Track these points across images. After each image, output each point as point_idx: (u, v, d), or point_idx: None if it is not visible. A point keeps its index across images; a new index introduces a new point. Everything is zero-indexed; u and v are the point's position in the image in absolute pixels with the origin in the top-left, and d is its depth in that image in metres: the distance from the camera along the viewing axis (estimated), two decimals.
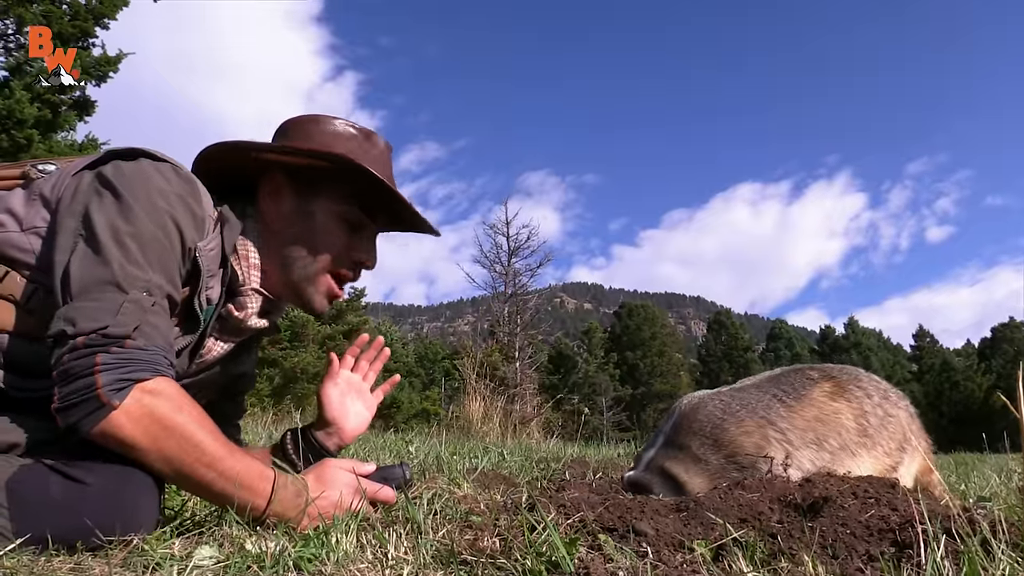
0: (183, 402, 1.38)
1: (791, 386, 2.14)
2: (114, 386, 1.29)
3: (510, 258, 23.94)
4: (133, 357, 1.33)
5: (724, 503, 1.53)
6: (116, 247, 1.38)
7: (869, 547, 1.26)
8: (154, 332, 1.38)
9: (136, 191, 1.45)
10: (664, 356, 67.39)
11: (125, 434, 1.31)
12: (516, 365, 19.45)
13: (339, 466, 1.60)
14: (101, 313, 1.32)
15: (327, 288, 1.76)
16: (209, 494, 1.42)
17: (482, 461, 3.12)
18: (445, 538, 1.36)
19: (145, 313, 1.36)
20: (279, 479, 1.45)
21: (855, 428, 2.09)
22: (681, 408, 2.17)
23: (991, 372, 58.85)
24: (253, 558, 1.19)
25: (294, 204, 1.72)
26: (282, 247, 1.72)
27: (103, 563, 1.21)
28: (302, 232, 1.71)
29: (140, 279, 1.38)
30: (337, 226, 1.73)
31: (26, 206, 1.50)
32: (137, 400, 1.31)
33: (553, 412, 13.86)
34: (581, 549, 1.25)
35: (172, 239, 1.47)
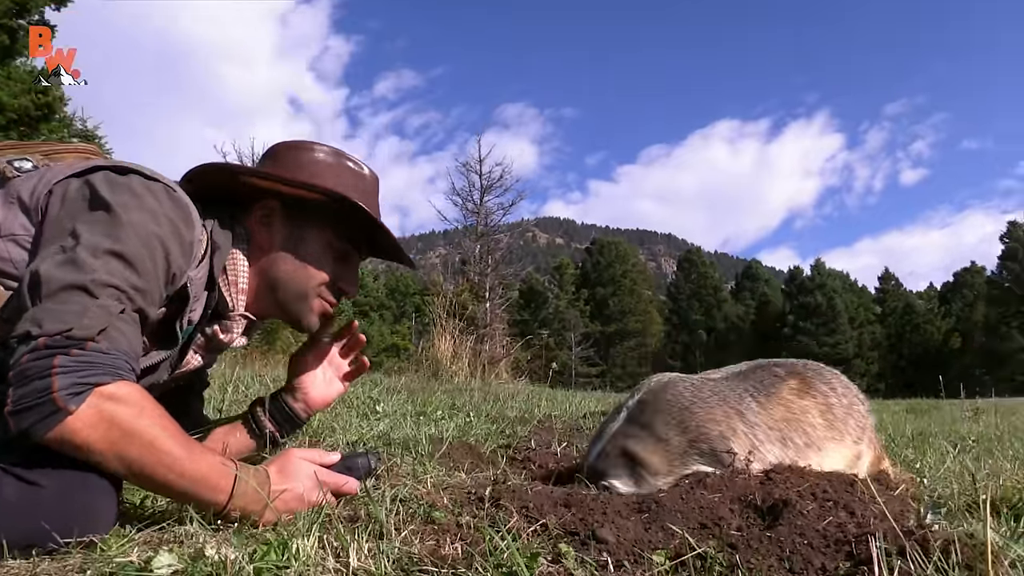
0: (144, 405, 1.35)
1: (760, 383, 2.16)
2: (71, 390, 1.25)
3: (482, 196, 23.76)
4: (92, 360, 1.29)
5: (685, 504, 1.55)
6: (92, 256, 1.35)
7: (825, 560, 1.29)
8: (120, 337, 1.35)
9: (127, 209, 1.43)
10: (634, 294, 68.16)
11: (80, 439, 1.27)
12: (487, 305, 19.48)
13: (302, 457, 1.60)
14: (68, 315, 1.29)
15: (320, 308, 1.83)
16: (170, 494, 1.42)
17: (449, 426, 3.14)
18: (407, 542, 1.36)
19: (112, 318, 1.33)
20: (240, 476, 1.44)
21: (822, 424, 2.13)
22: (649, 386, 2.17)
23: (951, 316, 60.34)
24: (213, 567, 1.18)
25: (286, 231, 1.77)
26: (271, 272, 1.76)
27: (60, 571, 1.20)
28: (293, 260, 1.76)
29: (112, 287, 1.35)
30: (326, 257, 1.79)
31: (3, 210, 1.46)
32: (94, 405, 1.28)
33: (523, 351, 13.97)
34: (542, 562, 1.25)
35: (157, 262, 1.45)
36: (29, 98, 13.18)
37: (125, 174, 1.51)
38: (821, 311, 59.67)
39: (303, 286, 1.78)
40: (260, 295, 1.77)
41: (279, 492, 1.48)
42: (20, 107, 13.25)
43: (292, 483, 1.52)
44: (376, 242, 1.91)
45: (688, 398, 2.05)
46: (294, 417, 1.99)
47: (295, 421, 2.00)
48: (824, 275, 62.83)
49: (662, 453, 1.95)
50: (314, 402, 2.01)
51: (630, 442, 1.97)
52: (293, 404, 1.98)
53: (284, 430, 1.99)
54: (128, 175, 1.51)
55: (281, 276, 1.76)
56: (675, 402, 2.04)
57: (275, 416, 1.97)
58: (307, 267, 1.77)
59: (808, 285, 61.88)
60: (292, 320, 1.82)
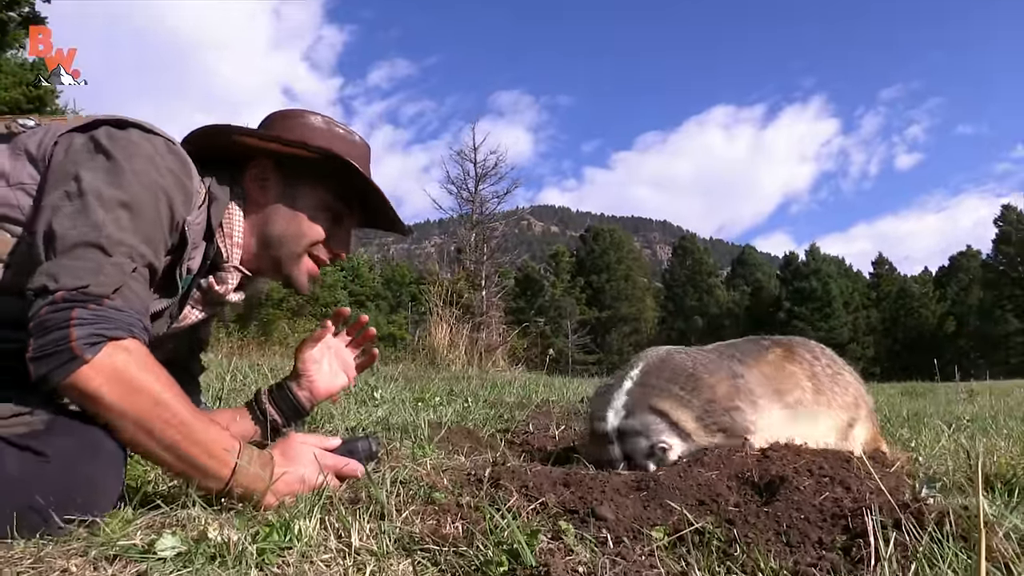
0: (152, 364, 1.39)
1: (746, 352, 2.20)
2: (87, 340, 1.30)
3: (477, 185, 23.70)
4: (109, 315, 1.33)
5: (683, 482, 1.56)
6: (104, 211, 1.39)
7: (822, 534, 1.30)
8: (132, 296, 1.39)
9: (130, 159, 1.47)
10: (629, 280, 68.21)
11: (93, 387, 1.31)
12: (483, 293, 19.47)
13: (304, 441, 1.62)
14: (83, 272, 1.33)
15: (309, 269, 1.85)
16: (174, 459, 1.40)
17: (447, 411, 3.15)
18: (408, 522, 1.37)
19: (126, 276, 1.38)
20: (244, 450, 1.46)
21: (810, 387, 2.17)
22: (648, 357, 2.20)
23: (945, 300, 60.52)
24: (216, 548, 1.19)
25: (279, 190, 1.80)
26: (266, 228, 1.79)
27: (63, 554, 1.21)
28: (286, 216, 1.79)
29: (125, 244, 1.39)
30: (319, 215, 1.82)
31: (11, 161, 1.49)
32: (108, 355, 1.31)
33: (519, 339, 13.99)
34: (542, 539, 1.27)
35: (161, 211, 1.49)
36: (20, 91, 13.12)
37: (125, 128, 1.54)
38: (816, 296, 59.83)
39: (295, 243, 1.80)
40: (254, 251, 1.80)
41: (281, 474, 1.49)
42: (11, 100, 13.19)
43: (296, 467, 1.53)
44: (369, 207, 1.93)
45: (690, 365, 2.08)
46: (298, 406, 2.02)
47: (298, 410, 2.03)
48: (819, 260, 62.93)
49: (689, 413, 1.97)
50: (319, 392, 2.04)
51: (657, 401, 1.98)
52: (298, 393, 2.02)
53: (287, 418, 2.02)
54: (128, 129, 1.54)
55: (274, 232, 1.79)
56: (680, 370, 2.07)
57: (279, 404, 2.01)
58: (300, 224, 1.80)
59: (803, 270, 61.99)
60: (283, 277, 1.85)
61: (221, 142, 1.77)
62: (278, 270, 1.83)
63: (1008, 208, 61.62)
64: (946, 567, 1.10)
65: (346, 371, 2.12)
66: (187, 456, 1.39)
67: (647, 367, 2.12)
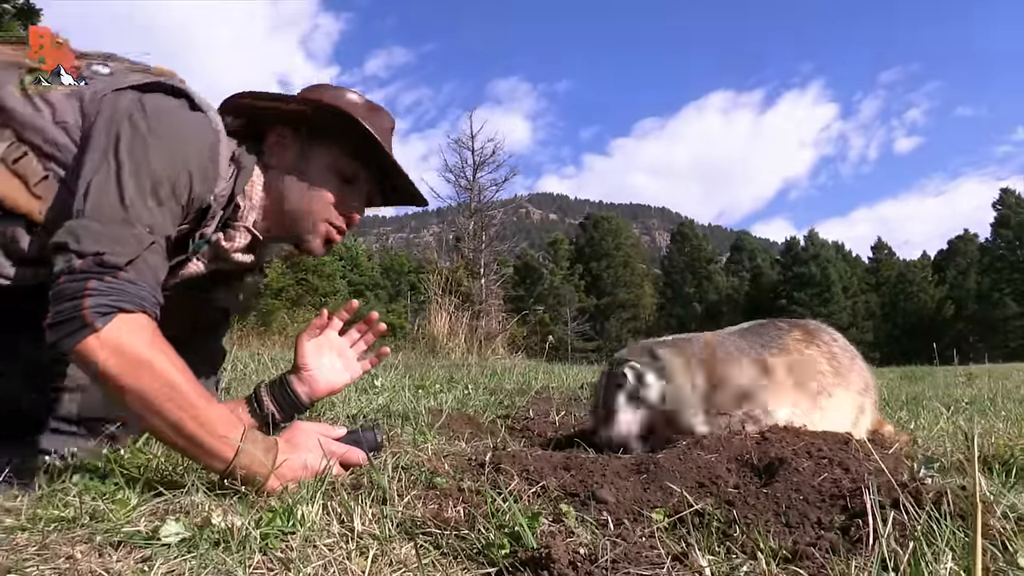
0: (160, 341, 1.42)
1: (767, 336, 2.20)
2: (99, 309, 1.35)
3: (475, 172, 23.64)
4: (123, 288, 1.39)
5: (683, 465, 1.57)
6: (134, 181, 1.47)
7: (821, 515, 1.31)
8: (147, 269, 1.45)
9: (167, 135, 1.54)
10: (628, 267, 68.22)
11: (98, 357, 1.35)
12: (482, 282, 19.47)
13: (310, 429, 1.63)
14: (104, 238, 1.40)
15: (325, 232, 1.89)
16: (177, 436, 1.42)
17: (448, 398, 3.16)
18: (410, 506, 1.38)
19: (143, 249, 1.44)
20: (249, 433, 1.46)
21: (829, 370, 2.18)
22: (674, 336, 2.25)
23: (944, 284, 60.53)
24: (220, 534, 1.20)
25: (295, 153, 1.85)
26: (282, 190, 1.83)
27: (68, 541, 1.22)
28: (300, 178, 1.84)
29: (146, 216, 1.47)
30: (331, 176, 1.86)
31: (64, 99, 1.58)
32: (116, 328, 1.36)
33: (518, 327, 14.00)
34: (543, 522, 1.28)
35: (182, 189, 1.56)
36: None
37: (178, 96, 1.63)
38: (815, 281, 59.86)
39: (307, 205, 1.84)
40: (269, 214, 1.85)
41: (284, 460, 1.49)
42: None
43: (299, 453, 1.54)
44: (387, 180, 1.97)
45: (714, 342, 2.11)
46: (296, 401, 2.00)
47: (297, 405, 2.01)
48: (818, 245, 62.92)
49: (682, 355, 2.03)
50: (318, 389, 2.03)
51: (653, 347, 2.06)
52: (297, 388, 2.00)
53: (285, 413, 2.00)
54: (180, 98, 1.63)
55: (287, 195, 1.83)
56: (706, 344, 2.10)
57: (277, 398, 2.00)
58: (312, 186, 1.84)
59: (802, 256, 61.99)
60: (297, 240, 1.89)
61: (246, 109, 1.85)
62: (291, 232, 1.87)
63: (1007, 192, 61.58)
64: (944, 545, 1.11)
65: (349, 369, 2.10)
66: (191, 435, 1.40)
67: (674, 339, 2.19)
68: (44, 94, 1.57)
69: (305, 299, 27.70)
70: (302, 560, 1.12)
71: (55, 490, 1.44)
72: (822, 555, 1.12)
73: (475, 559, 1.17)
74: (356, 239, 51.41)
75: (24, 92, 1.57)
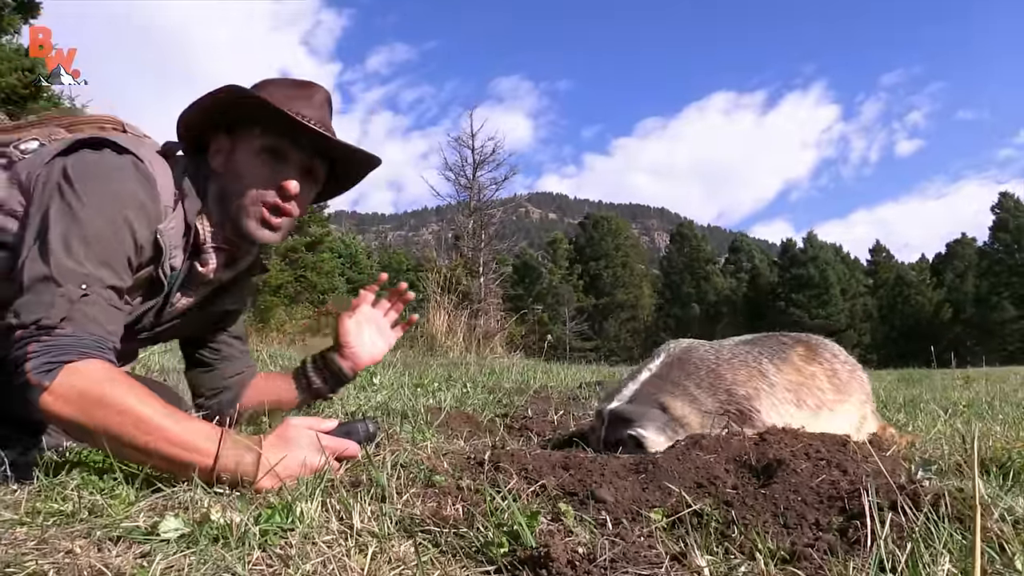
0: (113, 376, 1.49)
1: (771, 348, 2.21)
2: (41, 369, 1.43)
3: (475, 171, 23.61)
4: (60, 343, 1.46)
5: (681, 465, 1.57)
6: (61, 246, 1.54)
7: (819, 516, 1.32)
8: (85, 320, 1.51)
9: (92, 191, 1.60)
10: (627, 267, 68.21)
11: (57, 410, 1.44)
12: (480, 280, 19.45)
13: (301, 424, 1.63)
14: (38, 306, 1.49)
15: (259, 216, 1.87)
16: (154, 458, 1.47)
17: (446, 397, 3.16)
18: (409, 504, 1.39)
19: (73, 304, 1.51)
20: (226, 437, 1.50)
21: (829, 388, 2.20)
22: (670, 350, 2.22)
23: (942, 287, 60.52)
24: (219, 530, 1.20)
25: (228, 152, 1.89)
26: (223, 192, 1.87)
27: (67, 536, 1.22)
28: (230, 173, 1.87)
29: (76, 273, 1.53)
30: (256, 159, 1.86)
31: (6, 188, 1.68)
32: (64, 381, 1.44)
33: (516, 326, 14.00)
34: (542, 521, 1.28)
35: (121, 236, 1.63)
36: (16, 76, 13.06)
37: (100, 149, 1.68)
38: (814, 283, 59.85)
39: (240, 195, 1.85)
40: (219, 219, 1.89)
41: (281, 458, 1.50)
42: (7, 85, 13.13)
43: (295, 450, 1.54)
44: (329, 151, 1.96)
45: (714, 360, 2.10)
46: (340, 374, 2.22)
47: (341, 378, 2.23)
48: (816, 247, 62.88)
49: (698, 412, 1.99)
50: (360, 361, 2.23)
51: (665, 396, 2.00)
52: (341, 362, 2.21)
53: (330, 385, 2.23)
54: (102, 150, 1.68)
55: (223, 191, 1.87)
56: (702, 364, 2.09)
57: (322, 372, 2.22)
58: (239, 174, 1.85)
59: (801, 257, 61.94)
60: (239, 233, 1.88)
61: (191, 120, 1.88)
62: (234, 226, 1.88)
63: (1005, 195, 61.58)
64: (941, 547, 1.11)
65: (384, 337, 2.28)
66: (165, 454, 1.46)
67: (668, 360, 2.15)
68: None
69: (303, 296, 27.67)
70: (301, 557, 1.12)
71: (54, 485, 1.45)
72: (820, 556, 1.13)
73: (474, 557, 1.17)
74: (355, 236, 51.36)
75: None
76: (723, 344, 2.28)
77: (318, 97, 1.93)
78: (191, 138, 1.92)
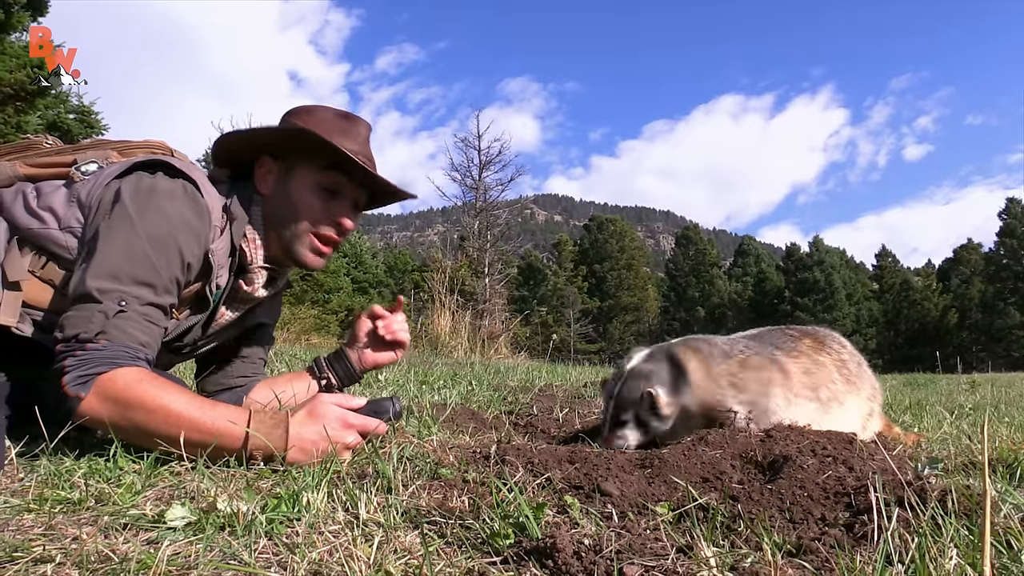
0: (141, 377, 1.60)
1: (779, 340, 2.21)
2: (76, 382, 1.56)
3: (481, 172, 23.64)
4: (94, 357, 1.58)
5: (687, 460, 1.57)
6: (106, 265, 1.65)
7: (825, 511, 1.31)
8: (119, 334, 1.63)
9: (144, 212, 1.72)
10: (632, 270, 68.12)
11: (94, 416, 1.57)
12: (485, 281, 19.46)
13: (329, 401, 1.70)
14: (78, 321, 1.61)
15: (311, 245, 2.01)
16: (191, 448, 1.57)
17: (452, 394, 3.16)
18: (415, 496, 1.39)
19: (109, 320, 1.62)
20: (254, 417, 1.60)
21: (839, 379, 2.20)
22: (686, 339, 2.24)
23: (948, 292, 60.29)
24: (225, 518, 1.21)
25: (277, 179, 1.99)
26: (273, 219, 1.99)
27: (75, 523, 1.22)
28: (285, 202, 1.98)
29: (116, 291, 1.64)
30: (313, 193, 1.97)
31: (66, 207, 1.79)
32: (97, 389, 1.56)
33: (521, 327, 14.00)
34: (548, 513, 1.28)
35: (168, 255, 1.73)
36: (25, 73, 13.11)
37: (154, 172, 1.80)
38: (819, 287, 59.67)
39: (294, 223, 1.97)
40: (270, 242, 2.01)
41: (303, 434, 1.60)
42: (16, 81, 13.18)
43: (319, 425, 1.62)
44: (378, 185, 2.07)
45: (728, 348, 2.10)
46: (351, 370, 2.34)
47: (352, 374, 2.35)
48: (822, 252, 62.70)
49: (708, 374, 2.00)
50: (367, 361, 2.35)
51: (677, 348, 2.03)
52: (352, 360, 2.34)
53: (341, 380, 2.34)
54: (156, 174, 1.79)
55: (278, 219, 1.98)
56: (715, 346, 2.09)
57: (335, 367, 2.34)
58: (295, 205, 1.97)
59: (807, 261, 61.76)
60: (292, 258, 2.02)
61: (234, 147, 2.02)
62: (287, 252, 2.01)
63: (1012, 201, 61.32)
64: (948, 542, 1.11)
65: (395, 347, 2.36)
66: (197, 442, 1.57)
67: (686, 339, 2.17)
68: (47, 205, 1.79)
69: (308, 295, 27.72)
70: (307, 545, 1.12)
71: (61, 473, 1.46)
72: (827, 550, 1.12)
73: (479, 548, 1.17)
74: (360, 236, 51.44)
75: (28, 207, 1.80)
76: (732, 337, 2.29)
77: (364, 132, 2.04)
78: (227, 157, 2.03)
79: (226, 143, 2.01)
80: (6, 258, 1.77)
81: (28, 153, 2.01)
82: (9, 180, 1.93)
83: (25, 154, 2.00)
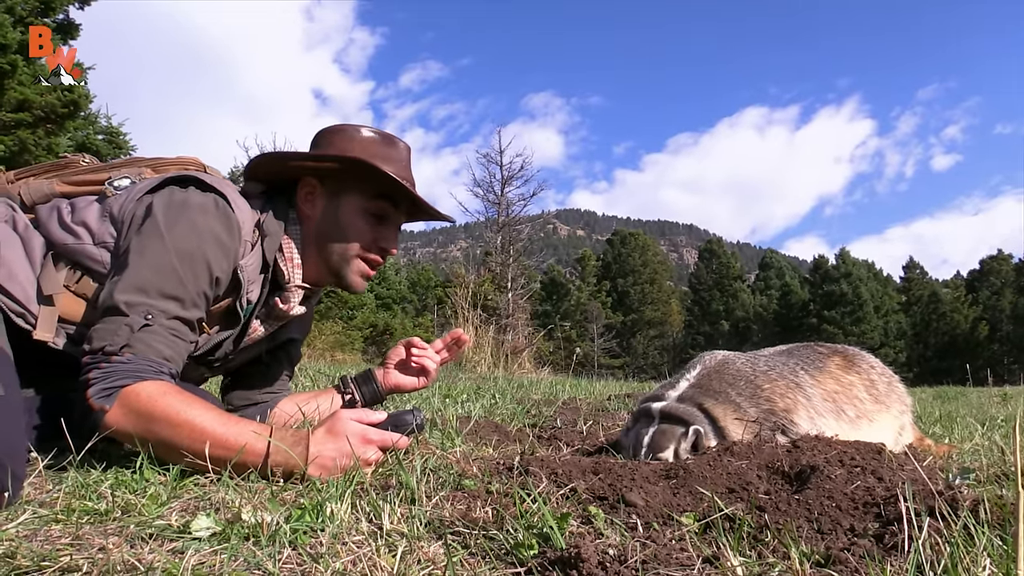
0: (165, 391, 1.61)
1: (807, 358, 2.19)
2: (101, 394, 1.58)
3: (503, 187, 23.71)
4: (118, 369, 1.60)
5: (713, 471, 1.56)
6: (134, 279, 1.68)
7: (854, 521, 1.29)
8: (144, 347, 1.64)
9: (174, 227, 1.74)
10: (655, 284, 67.86)
11: (118, 429, 1.58)
12: (508, 295, 19.47)
13: (349, 416, 1.69)
14: (105, 334, 1.64)
15: (360, 269, 2.06)
16: (214, 463, 1.56)
17: (475, 407, 3.16)
18: (439, 506, 1.38)
19: (134, 333, 1.64)
20: (276, 432, 1.61)
21: (868, 398, 2.18)
22: (706, 361, 2.21)
23: (977, 304, 59.34)
24: (250, 529, 1.21)
25: (324, 203, 2.02)
26: (319, 241, 2.02)
27: (101, 533, 1.23)
28: (333, 227, 2.01)
29: (142, 304, 1.66)
30: (361, 219, 2.02)
31: (99, 222, 1.83)
32: (121, 403, 1.58)
33: (544, 341, 13.98)
34: (572, 523, 1.27)
35: (197, 270, 1.75)
36: (55, 96, 13.36)
37: (186, 187, 1.83)
38: (847, 300, 58.98)
39: (343, 248, 2.01)
40: (311, 263, 2.04)
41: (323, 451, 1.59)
42: (47, 104, 13.44)
43: (339, 442, 1.61)
44: (414, 203, 2.08)
45: (751, 371, 2.07)
46: (376, 389, 2.39)
47: (375, 394, 2.40)
48: (849, 264, 62.04)
49: (740, 423, 1.97)
50: (388, 382, 2.40)
51: (708, 403, 1.99)
52: (378, 379, 2.40)
53: (367, 399, 2.38)
54: (188, 188, 1.83)
55: (324, 242, 2.01)
56: (740, 375, 2.07)
57: (361, 386, 2.39)
58: (345, 231, 2.00)
59: (833, 274, 61.08)
60: (338, 281, 2.06)
61: (276, 168, 2.03)
62: (333, 275, 2.05)
63: None
64: (980, 551, 1.08)
65: (421, 375, 2.43)
66: (220, 457, 1.57)
67: (706, 369, 2.14)
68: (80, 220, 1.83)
69: (333, 311, 27.89)
70: (331, 556, 1.12)
71: (88, 484, 1.47)
72: (856, 560, 1.11)
73: (503, 559, 1.16)
74: None
75: (63, 222, 1.84)
76: (758, 355, 2.26)
77: (405, 155, 2.07)
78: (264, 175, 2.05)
79: (266, 163, 2.03)
80: (42, 273, 1.80)
81: (65, 171, 2.05)
82: (46, 197, 1.97)
83: (62, 172, 2.04)
